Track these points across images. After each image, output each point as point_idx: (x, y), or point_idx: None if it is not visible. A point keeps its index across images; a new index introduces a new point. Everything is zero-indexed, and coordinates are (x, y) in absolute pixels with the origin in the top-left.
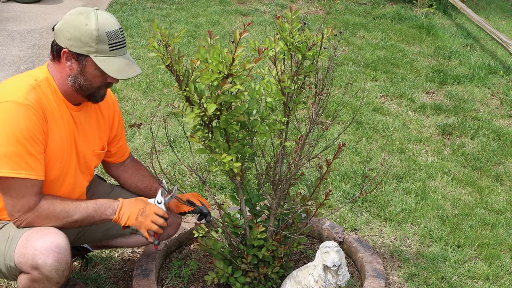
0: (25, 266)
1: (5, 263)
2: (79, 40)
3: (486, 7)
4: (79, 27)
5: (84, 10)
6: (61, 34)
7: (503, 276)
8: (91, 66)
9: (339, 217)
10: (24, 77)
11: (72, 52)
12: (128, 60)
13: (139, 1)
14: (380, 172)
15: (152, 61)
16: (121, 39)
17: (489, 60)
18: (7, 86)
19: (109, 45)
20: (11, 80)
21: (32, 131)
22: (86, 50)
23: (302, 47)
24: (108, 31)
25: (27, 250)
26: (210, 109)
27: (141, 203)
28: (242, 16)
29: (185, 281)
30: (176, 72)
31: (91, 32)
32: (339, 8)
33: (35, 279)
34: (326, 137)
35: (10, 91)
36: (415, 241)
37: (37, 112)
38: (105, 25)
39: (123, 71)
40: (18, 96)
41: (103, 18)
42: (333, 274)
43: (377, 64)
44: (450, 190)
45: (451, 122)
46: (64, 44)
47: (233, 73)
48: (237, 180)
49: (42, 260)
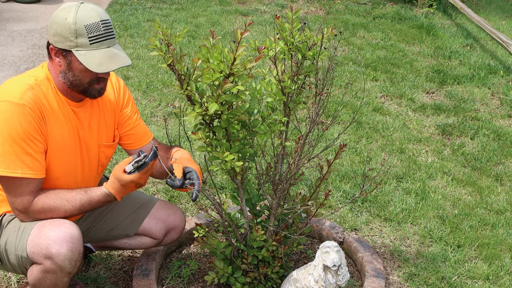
0: (38, 256)
1: (16, 254)
2: (61, 35)
3: (486, 7)
4: (60, 22)
5: (68, 5)
6: (48, 31)
7: (503, 276)
8: (76, 61)
9: (339, 217)
10: (24, 77)
11: (57, 48)
12: (113, 52)
13: (139, 1)
14: (380, 172)
15: (152, 61)
16: (103, 31)
17: (489, 60)
18: (5, 86)
19: (89, 38)
20: (11, 81)
21: (28, 130)
22: (67, 45)
23: (302, 47)
24: (86, 24)
25: (41, 240)
26: (212, 108)
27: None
28: (242, 16)
29: (185, 281)
30: (177, 71)
31: (69, 26)
32: (339, 8)
33: (48, 269)
34: (326, 137)
35: (7, 91)
36: (415, 241)
37: (33, 112)
38: (83, 18)
39: (104, 64)
40: (14, 96)
41: (83, 11)
42: (333, 274)
43: (377, 64)
44: (450, 190)
45: (451, 122)
46: (51, 40)
47: (234, 72)
48: (237, 180)
49: (56, 250)
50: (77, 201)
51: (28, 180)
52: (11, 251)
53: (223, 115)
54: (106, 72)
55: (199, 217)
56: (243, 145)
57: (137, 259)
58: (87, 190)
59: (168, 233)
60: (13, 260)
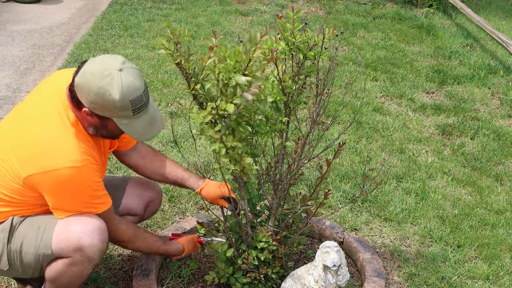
0: (67, 250)
1: (37, 253)
2: (102, 106)
3: (486, 7)
4: (102, 95)
5: (107, 71)
6: (82, 93)
7: (503, 276)
8: (113, 124)
9: (339, 217)
10: (61, 129)
11: (94, 112)
12: (151, 116)
13: (139, 1)
14: (380, 172)
15: (152, 61)
16: (145, 100)
17: (489, 60)
18: (53, 148)
19: (133, 111)
20: (52, 139)
21: (97, 180)
22: (109, 115)
23: (303, 47)
24: (132, 99)
25: (70, 234)
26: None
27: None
28: (242, 16)
29: (185, 281)
30: (185, 70)
31: (114, 102)
32: (339, 8)
33: (75, 262)
34: (326, 137)
35: (63, 156)
36: (415, 241)
37: (92, 163)
38: (129, 93)
39: (145, 132)
40: (73, 160)
41: (127, 83)
42: (333, 274)
43: (377, 64)
44: (450, 190)
45: (451, 122)
46: (86, 105)
47: (248, 73)
48: (241, 181)
49: (89, 242)
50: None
51: (108, 209)
52: (28, 251)
53: (233, 116)
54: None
55: (199, 217)
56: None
57: (137, 259)
58: (165, 241)
59: (147, 207)
60: (28, 260)
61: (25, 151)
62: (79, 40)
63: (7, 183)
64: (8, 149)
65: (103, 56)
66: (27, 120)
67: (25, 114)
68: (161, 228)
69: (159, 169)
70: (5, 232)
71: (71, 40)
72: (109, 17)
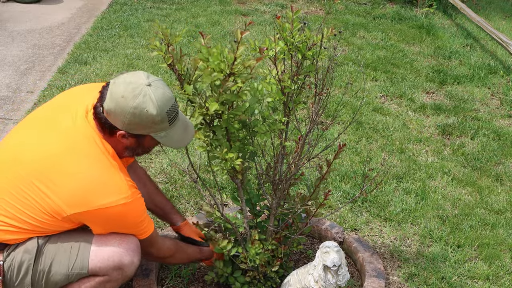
0: (105, 269)
1: (69, 273)
2: (139, 125)
3: (486, 7)
4: (139, 113)
5: (138, 90)
6: (117, 118)
7: (503, 276)
8: (150, 139)
9: (339, 217)
10: (104, 160)
11: (131, 133)
12: (183, 121)
13: (139, 1)
14: (380, 172)
15: (152, 61)
16: (177, 108)
17: (489, 60)
18: (101, 184)
19: (169, 122)
20: (96, 171)
21: (144, 209)
22: (146, 131)
23: (302, 47)
24: (168, 110)
25: (110, 253)
26: (212, 108)
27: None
28: (242, 16)
29: (185, 281)
30: (178, 71)
31: (153, 118)
32: (339, 8)
33: (111, 279)
34: (326, 137)
35: (113, 192)
36: (415, 241)
37: (137, 190)
38: (163, 105)
39: (182, 139)
40: (124, 197)
41: (160, 97)
42: (333, 274)
43: (377, 64)
44: (450, 190)
45: (451, 122)
46: (122, 128)
47: (235, 72)
48: (238, 180)
49: (129, 260)
50: (196, 256)
51: (155, 229)
52: (58, 271)
53: (224, 115)
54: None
55: (199, 217)
56: (243, 145)
57: None
58: (197, 247)
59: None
60: (55, 279)
61: (70, 189)
62: (79, 40)
63: (35, 213)
64: (32, 176)
65: (122, 76)
66: (56, 149)
67: (51, 140)
68: (161, 228)
69: (151, 194)
70: (30, 254)
71: (71, 40)
72: (109, 17)
